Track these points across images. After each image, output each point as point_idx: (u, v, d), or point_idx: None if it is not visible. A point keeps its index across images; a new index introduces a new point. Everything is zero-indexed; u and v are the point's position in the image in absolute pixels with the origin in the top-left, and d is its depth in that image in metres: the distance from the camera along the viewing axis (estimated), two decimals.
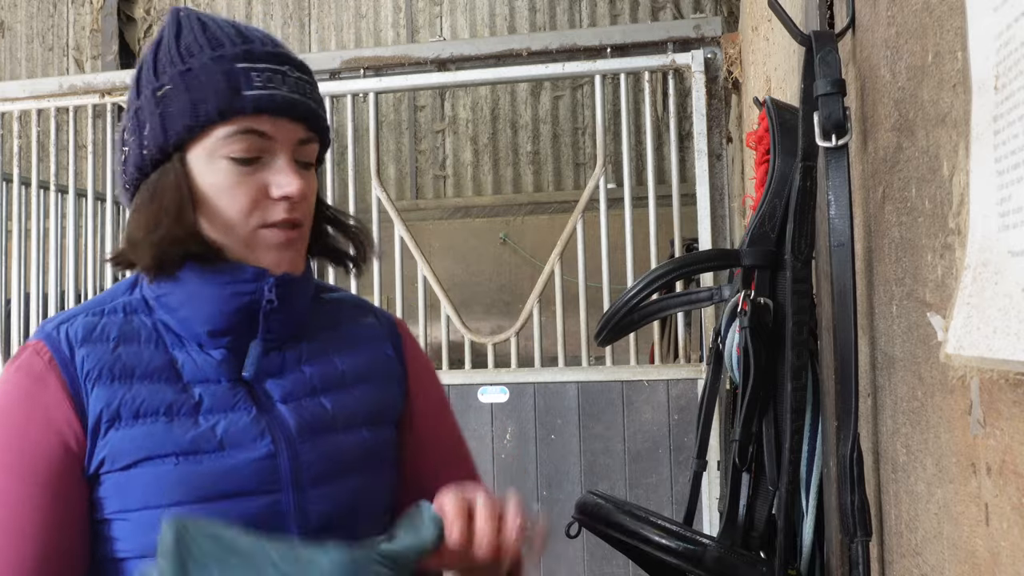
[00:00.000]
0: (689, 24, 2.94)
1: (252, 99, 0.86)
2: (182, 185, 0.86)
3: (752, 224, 1.14)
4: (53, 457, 0.83)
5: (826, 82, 0.90)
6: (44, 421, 0.84)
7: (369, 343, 1.01)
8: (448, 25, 6.23)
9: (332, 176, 3.17)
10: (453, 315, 3.01)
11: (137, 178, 0.89)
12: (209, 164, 0.87)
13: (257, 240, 0.89)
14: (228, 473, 0.85)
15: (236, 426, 0.87)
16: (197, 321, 0.89)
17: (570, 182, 6.04)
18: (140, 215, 0.88)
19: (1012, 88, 0.53)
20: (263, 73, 0.87)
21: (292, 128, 0.89)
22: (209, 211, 0.87)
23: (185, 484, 0.84)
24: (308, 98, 0.90)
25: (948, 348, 0.61)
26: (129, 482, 0.83)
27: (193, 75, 0.86)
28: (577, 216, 2.92)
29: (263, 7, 6.49)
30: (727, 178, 2.93)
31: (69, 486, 0.84)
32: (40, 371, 0.86)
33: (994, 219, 0.56)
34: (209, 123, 0.85)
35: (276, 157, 0.88)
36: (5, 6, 6.91)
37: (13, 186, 3.46)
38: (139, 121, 0.88)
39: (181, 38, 0.89)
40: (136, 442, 0.84)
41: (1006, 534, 0.57)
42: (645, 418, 2.78)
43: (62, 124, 3.43)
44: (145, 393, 0.86)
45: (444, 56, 3.10)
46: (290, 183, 0.87)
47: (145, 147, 0.87)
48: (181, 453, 0.84)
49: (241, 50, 0.87)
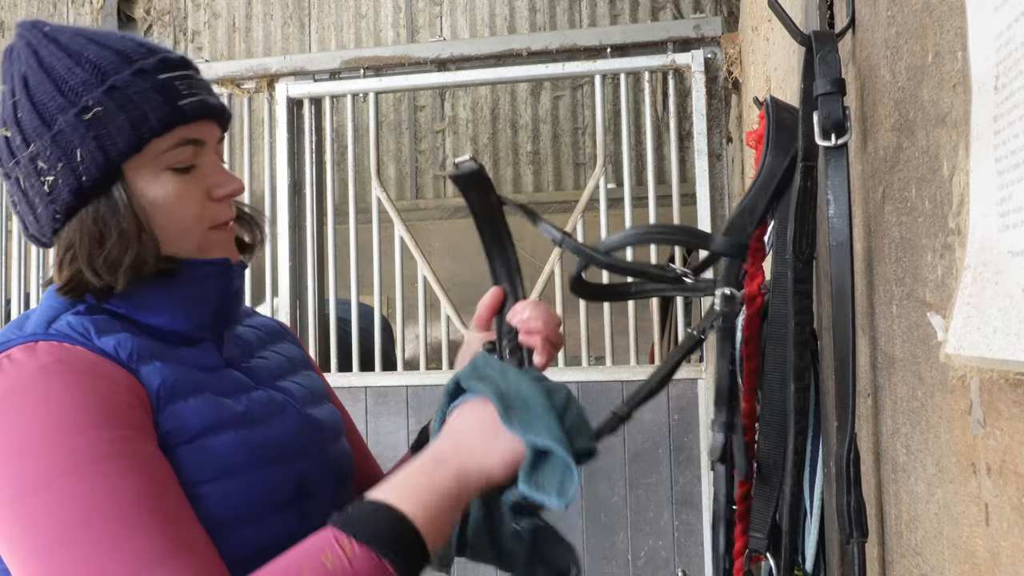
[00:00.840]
0: (689, 24, 2.94)
1: (188, 108, 0.88)
2: (133, 204, 0.86)
3: (731, 214, 1.13)
4: (143, 417, 0.81)
5: (826, 82, 0.90)
6: (120, 389, 0.81)
7: (279, 337, 1.11)
8: (448, 25, 6.23)
9: (332, 176, 3.17)
10: (453, 315, 3.01)
11: (72, 206, 0.86)
12: (152, 178, 0.88)
13: (209, 242, 0.93)
14: (277, 440, 0.91)
15: (260, 402, 0.93)
16: (181, 319, 0.91)
17: (570, 182, 6.03)
18: (95, 242, 0.86)
19: (1012, 88, 0.53)
20: (183, 80, 0.90)
21: (214, 129, 0.94)
22: (160, 223, 0.88)
23: (246, 453, 0.87)
24: (216, 96, 0.94)
25: (948, 348, 0.61)
26: (194, 456, 0.84)
27: (120, 93, 0.85)
28: (577, 216, 2.92)
29: (263, 7, 6.49)
30: (727, 178, 2.93)
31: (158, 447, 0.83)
32: (82, 356, 0.81)
33: (994, 219, 0.56)
34: (152, 138, 0.86)
35: (207, 160, 0.92)
36: (5, 6, 6.91)
37: None
38: (63, 148, 0.84)
39: (76, 55, 0.86)
40: (198, 414, 0.85)
41: (1006, 534, 0.57)
42: (645, 418, 2.78)
43: None
44: (187, 373, 0.87)
45: (444, 56, 3.10)
46: (231, 182, 0.93)
47: (82, 172, 0.84)
48: (237, 425, 0.87)
49: (156, 61, 0.88)
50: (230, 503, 0.84)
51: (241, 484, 0.85)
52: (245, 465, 0.86)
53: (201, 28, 6.57)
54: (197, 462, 0.83)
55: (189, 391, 0.86)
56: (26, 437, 0.76)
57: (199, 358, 0.91)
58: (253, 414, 0.90)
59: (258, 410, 0.91)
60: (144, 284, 0.89)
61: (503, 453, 0.84)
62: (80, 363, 0.80)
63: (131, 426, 0.79)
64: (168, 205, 0.88)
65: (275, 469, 0.89)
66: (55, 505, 0.74)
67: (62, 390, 0.78)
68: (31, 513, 0.74)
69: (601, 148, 2.97)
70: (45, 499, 0.74)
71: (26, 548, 0.75)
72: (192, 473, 0.83)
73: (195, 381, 0.87)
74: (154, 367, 0.84)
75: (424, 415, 2.98)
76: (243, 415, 0.89)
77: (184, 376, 0.86)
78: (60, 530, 0.74)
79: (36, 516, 0.74)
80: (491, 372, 0.89)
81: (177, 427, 0.83)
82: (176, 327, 0.91)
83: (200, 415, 0.85)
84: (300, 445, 0.94)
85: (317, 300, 3.16)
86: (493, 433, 0.84)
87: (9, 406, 0.78)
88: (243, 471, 0.86)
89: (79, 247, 0.86)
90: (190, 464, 0.83)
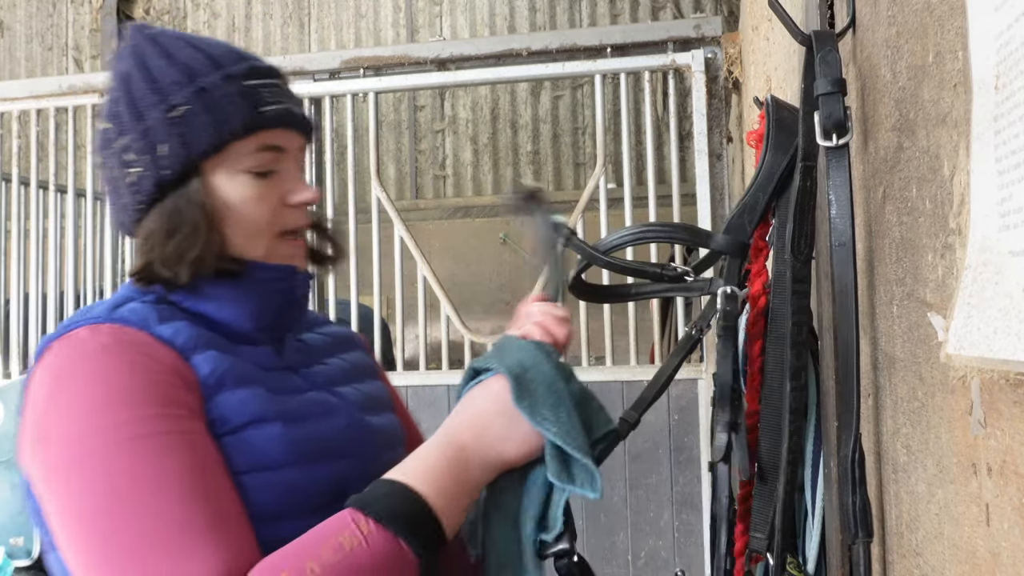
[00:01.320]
0: (689, 24, 2.94)
1: (271, 115, 0.92)
2: (207, 202, 0.90)
3: (731, 212, 1.13)
4: (194, 401, 0.84)
5: (826, 81, 0.90)
6: (172, 372, 0.84)
7: (349, 346, 1.12)
8: (448, 25, 6.23)
9: (332, 176, 3.17)
10: (453, 315, 3.01)
11: (154, 197, 0.91)
12: (230, 179, 0.91)
13: (277, 247, 0.95)
14: (324, 437, 0.91)
15: (310, 401, 0.94)
16: (243, 319, 0.93)
17: (570, 182, 6.03)
18: (167, 235, 0.90)
19: (1013, 88, 0.53)
20: (269, 88, 0.93)
21: (296, 138, 0.97)
22: (232, 224, 0.92)
23: (292, 446, 0.88)
24: (303, 107, 0.98)
25: (949, 348, 0.61)
26: (239, 444, 0.85)
27: (208, 95, 0.90)
28: (577, 216, 2.92)
29: (263, 7, 6.49)
30: (727, 178, 2.93)
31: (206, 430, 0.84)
32: (139, 339, 0.85)
33: (994, 219, 0.56)
34: (233, 140, 0.90)
35: (286, 167, 0.96)
36: (4, 6, 6.91)
37: (12, 186, 3.46)
38: (150, 141, 0.89)
39: (172, 57, 0.92)
40: (246, 405, 0.86)
41: (1007, 534, 0.57)
42: (645, 418, 2.76)
43: (61, 124, 3.43)
44: (239, 365, 0.89)
45: (444, 56, 3.10)
46: (305, 190, 0.96)
47: (164, 167, 0.89)
48: (282, 420, 0.88)
49: (246, 67, 0.93)
50: (269, 496, 0.85)
51: (281, 478, 0.86)
52: (286, 460, 0.87)
53: (201, 28, 6.57)
54: (239, 452, 0.85)
55: (239, 382, 0.88)
56: (81, 409, 0.80)
57: (256, 356, 0.93)
58: (300, 411, 0.91)
59: (306, 408, 0.92)
60: (211, 281, 0.92)
61: (520, 442, 0.87)
62: (136, 345, 0.84)
63: (180, 405, 0.82)
64: (242, 207, 0.92)
65: (316, 467, 0.89)
66: (101, 475, 0.77)
67: (118, 367, 0.82)
68: (77, 480, 0.78)
69: (601, 148, 2.97)
70: (92, 468, 0.77)
71: (71, 514, 0.78)
72: (234, 463, 0.84)
73: (246, 374, 0.89)
74: (207, 356, 0.87)
75: (424, 415, 2.97)
76: (290, 411, 0.90)
77: (236, 368, 0.88)
78: (104, 499, 0.76)
79: (83, 483, 0.77)
80: (511, 350, 0.90)
81: (223, 416, 0.85)
82: (237, 325, 0.93)
83: (246, 406, 0.87)
84: (346, 446, 0.94)
85: (317, 300, 3.16)
86: (509, 417, 0.87)
87: (69, 380, 0.82)
88: (284, 465, 0.87)
89: (153, 237, 0.91)
90: (233, 454, 0.85)
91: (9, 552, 2.70)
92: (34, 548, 2.68)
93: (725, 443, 1.12)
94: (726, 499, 1.18)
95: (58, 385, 0.82)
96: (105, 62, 6.46)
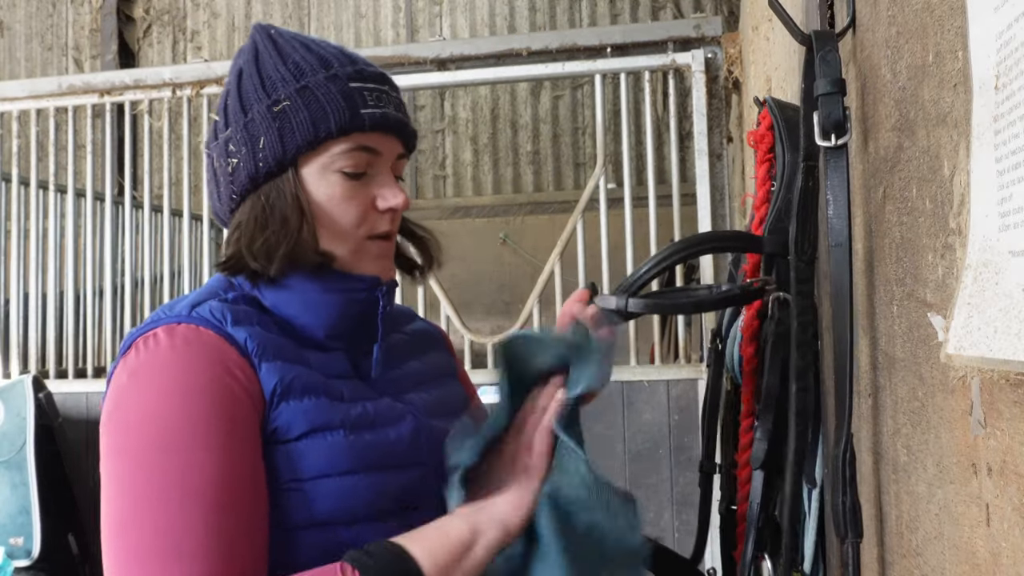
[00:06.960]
0: (689, 24, 2.94)
1: (368, 117, 0.92)
2: (300, 197, 0.92)
3: (770, 218, 1.14)
4: (249, 413, 0.86)
5: (826, 82, 0.90)
6: (233, 378, 0.86)
7: (430, 345, 1.12)
8: (448, 25, 6.23)
9: None
10: (453, 315, 3.01)
11: (248, 189, 0.93)
12: (322, 177, 0.92)
13: (364, 250, 0.96)
14: (389, 446, 0.92)
15: (377, 409, 0.94)
16: (316, 326, 0.94)
17: (570, 182, 6.03)
18: (259, 226, 0.92)
19: (1013, 88, 0.53)
20: (373, 92, 0.94)
21: (394, 144, 0.97)
22: (321, 222, 0.93)
23: (355, 454, 0.89)
24: (406, 116, 0.98)
25: (949, 348, 0.61)
26: (301, 452, 0.87)
27: (310, 93, 0.91)
28: (577, 216, 2.92)
29: (263, 7, 6.49)
30: (727, 178, 2.93)
31: (257, 444, 0.87)
32: (212, 340, 0.87)
33: (995, 219, 0.56)
34: (328, 139, 0.91)
35: (380, 171, 0.96)
36: (4, 6, 6.91)
37: (12, 186, 3.46)
38: (251, 134, 0.92)
39: (285, 56, 0.94)
40: (309, 414, 0.88)
41: (1007, 535, 0.57)
42: (645, 418, 2.78)
43: (61, 124, 3.43)
44: (305, 375, 0.90)
45: (444, 56, 3.10)
46: (396, 196, 0.95)
47: (260, 159, 0.91)
48: (348, 426, 0.89)
49: (352, 70, 0.94)
50: (333, 502, 0.87)
51: (344, 485, 0.87)
52: (350, 467, 0.88)
53: (200, 28, 6.57)
54: (302, 460, 0.86)
55: (304, 392, 0.89)
56: (140, 409, 0.84)
57: (326, 364, 0.94)
58: (367, 419, 0.92)
59: (373, 416, 0.93)
60: (294, 281, 0.93)
61: (518, 507, 0.88)
62: (207, 350, 0.86)
63: (233, 419, 0.84)
64: (332, 205, 0.92)
65: (381, 475, 0.90)
66: (136, 472, 0.82)
67: (183, 376, 0.85)
68: (118, 470, 0.84)
69: (601, 148, 2.97)
70: (133, 464, 0.82)
71: (111, 494, 0.84)
72: (297, 470, 0.86)
73: (313, 383, 0.90)
74: (275, 365, 0.88)
75: None
76: (355, 419, 0.91)
77: (303, 377, 0.89)
78: (133, 493, 0.82)
79: (122, 474, 0.83)
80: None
81: (286, 424, 0.87)
82: (311, 332, 0.94)
83: (310, 414, 0.88)
84: (412, 454, 0.94)
85: None
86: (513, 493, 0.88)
87: (137, 379, 0.86)
88: (347, 472, 0.88)
89: (244, 228, 0.93)
90: (296, 460, 0.86)
91: (9, 552, 2.69)
92: (34, 548, 2.68)
93: (764, 451, 1.12)
94: (758, 506, 1.17)
95: (131, 384, 0.86)
96: (105, 62, 6.47)
